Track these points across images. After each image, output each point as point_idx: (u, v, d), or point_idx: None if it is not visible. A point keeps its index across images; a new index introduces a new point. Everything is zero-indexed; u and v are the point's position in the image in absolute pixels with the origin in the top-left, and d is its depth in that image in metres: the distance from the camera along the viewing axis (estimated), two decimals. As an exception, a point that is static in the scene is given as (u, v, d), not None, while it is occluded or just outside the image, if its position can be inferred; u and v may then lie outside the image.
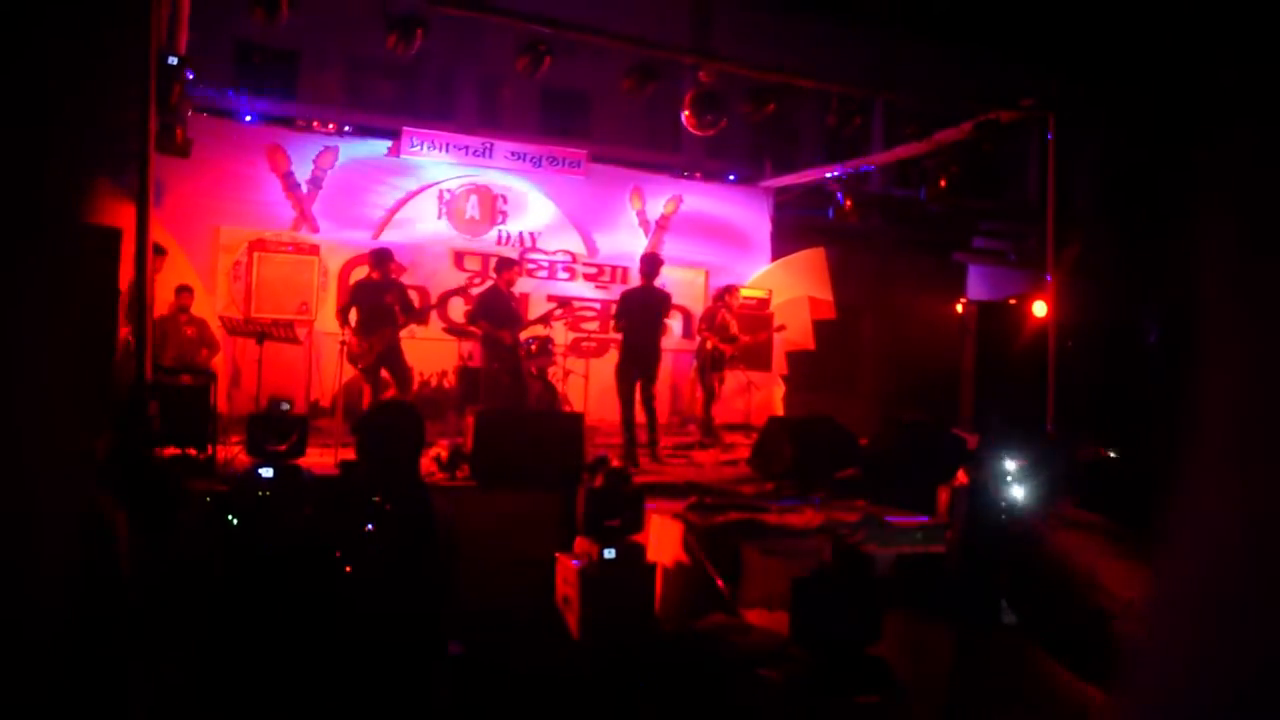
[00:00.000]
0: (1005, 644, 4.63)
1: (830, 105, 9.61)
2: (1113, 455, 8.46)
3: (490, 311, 9.94)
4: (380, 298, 9.44)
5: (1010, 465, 7.49)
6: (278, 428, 7.51)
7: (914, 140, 10.96)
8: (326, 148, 12.12)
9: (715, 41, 12.84)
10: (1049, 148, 10.29)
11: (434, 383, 11.82)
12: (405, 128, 12.42)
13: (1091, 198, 12.46)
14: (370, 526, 3.46)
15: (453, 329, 11.44)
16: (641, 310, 9.83)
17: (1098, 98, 10.93)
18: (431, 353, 11.47)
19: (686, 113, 9.22)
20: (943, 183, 10.81)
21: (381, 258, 9.62)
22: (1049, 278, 11.12)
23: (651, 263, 10.10)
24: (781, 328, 12.78)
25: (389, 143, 12.34)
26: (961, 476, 6.04)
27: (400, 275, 9.74)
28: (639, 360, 9.75)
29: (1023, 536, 5.19)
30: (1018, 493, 6.28)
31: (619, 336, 10.12)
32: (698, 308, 13.42)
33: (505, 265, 10.38)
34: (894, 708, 4.21)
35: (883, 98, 10.01)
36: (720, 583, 6.18)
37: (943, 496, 7.13)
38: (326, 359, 10.53)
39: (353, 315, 9.40)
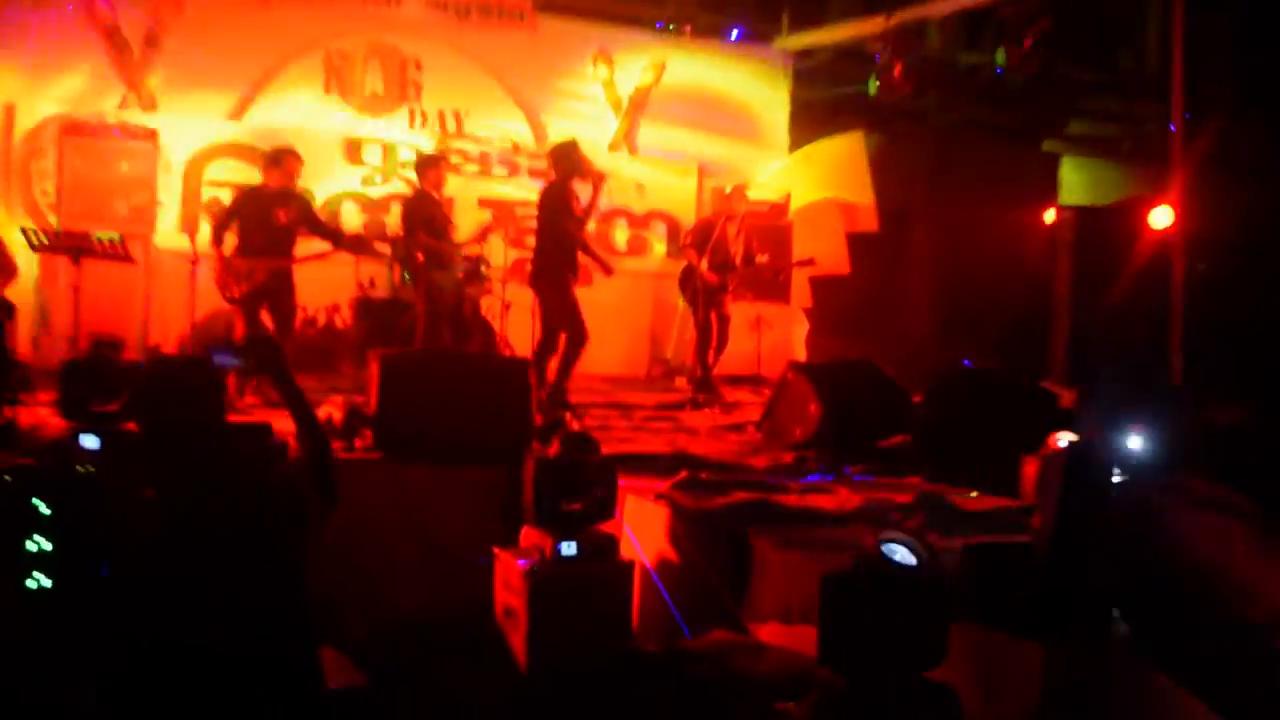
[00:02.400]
0: (1114, 666, 4.66)
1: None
2: (1259, 417, 8.54)
3: (429, 222, 10.20)
4: (272, 212, 9.53)
5: (1120, 429, 7.52)
6: (104, 381, 7.45)
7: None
8: (168, -8, 11.97)
9: None
10: (1176, -1, 10.26)
11: (322, 321, 11.78)
12: (278, -37, 12.30)
13: (1234, 68, 12.42)
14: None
15: (350, 244, 11.36)
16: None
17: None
18: (319, 280, 11.38)
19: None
20: (1028, 42, 10.75)
21: (278, 159, 9.73)
22: (1175, 177, 11.13)
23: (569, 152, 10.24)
24: (808, 262, 12.72)
25: (255, -15, 12.22)
26: (1053, 443, 6.05)
27: (295, 181, 9.76)
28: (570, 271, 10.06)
29: (1139, 523, 5.20)
30: (1131, 465, 6.30)
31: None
32: (688, 217, 13.40)
33: (429, 164, 10.61)
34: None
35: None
36: (721, 587, 6.21)
37: (1027, 471, 7.17)
38: (169, 286, 10.46)
39: (229, 237, 9.46)
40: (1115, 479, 5.34)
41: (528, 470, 6.73)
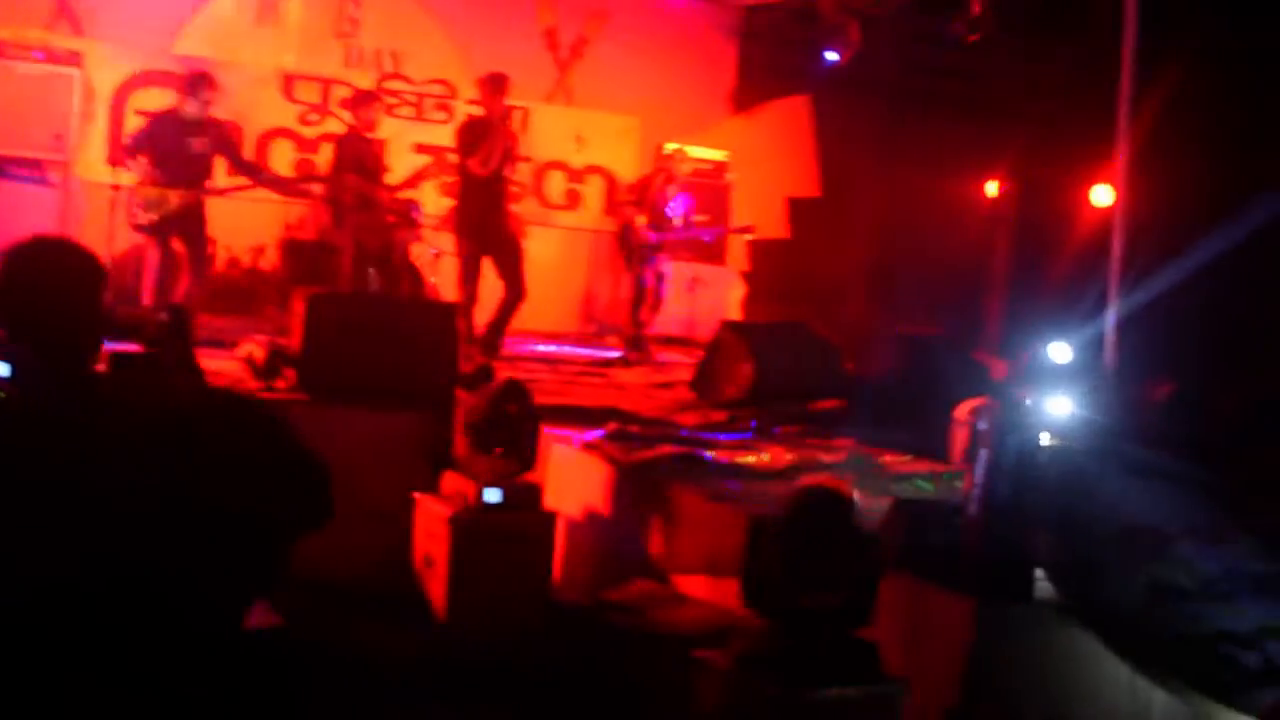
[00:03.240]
0: (1039, 624, 4.72)
1: None
2: (1193, 393, 8.68)
3: (360, 160, 10.15)
4: (186, 140, 9.41)
5: (1052, 400, 7.61)
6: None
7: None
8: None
9: None
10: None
11: (247, 262, 11.66)
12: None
13: (1193, 27, 12.48)
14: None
15: (279, 184, 11.27)
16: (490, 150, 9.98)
17: None
18: (244, 219, 11.26)
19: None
20: (978, 6, 10.76)
21: (197, 85, 9.60)
22: (1117, 154, 11.15)
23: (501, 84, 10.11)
24: (747, 229, 12.79)
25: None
26: (982, 409, 6.13)
27: (210, 110, 9.63)
28: (484, 221, 9.99)
29: (1068, 484, 5.27)
30: (1061, 432, 6.38)
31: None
32: (626, 171, 13.35)
33: (361, 102, 10.57)
34: (885, 702, 4.26)
35: None
36: (645, 538, 6.22)
37: (958, 436, 7.23)
38: (90, 217, 10.30)
39: (140, 161, 9.34)
40: (1046, 443, 5.40)
41: (453, 417, 6.71)
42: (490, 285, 10.26)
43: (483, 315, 10.11)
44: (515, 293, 10.13)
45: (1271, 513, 5.18)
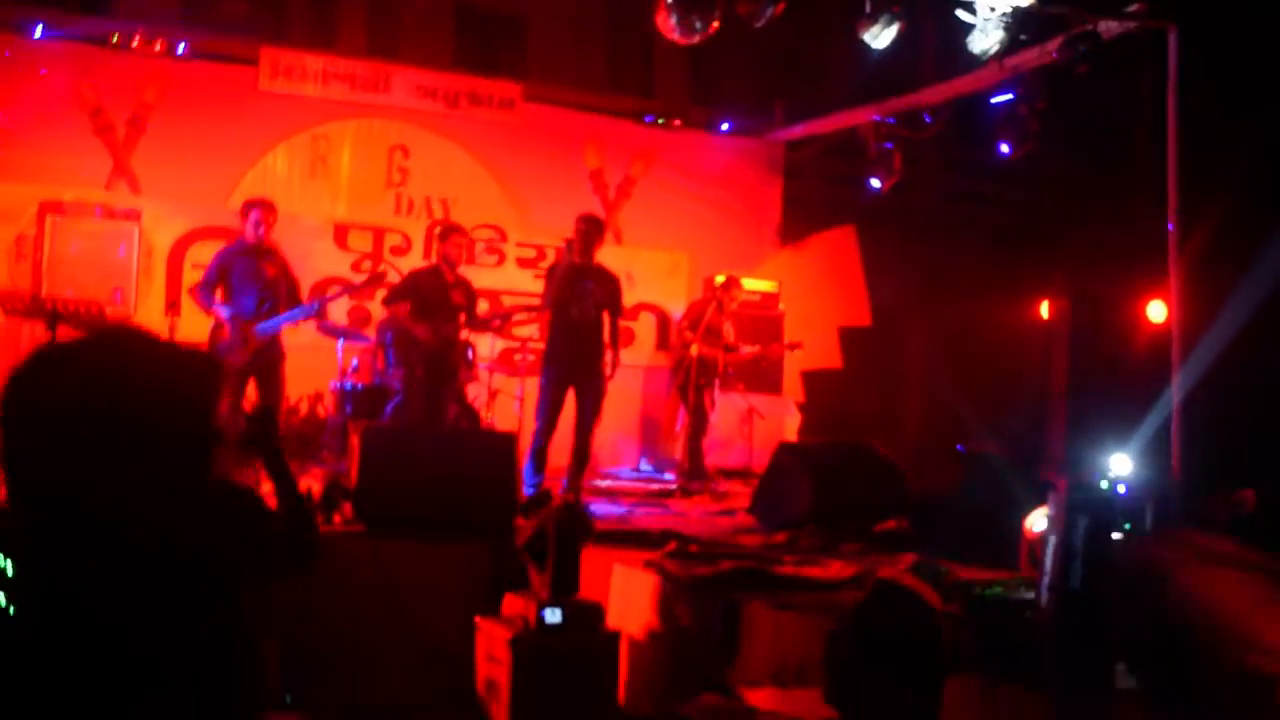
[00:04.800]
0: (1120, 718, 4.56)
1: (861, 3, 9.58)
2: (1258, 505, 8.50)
3: (419, 294, 10.05)
4: (259, 266, 9.33)
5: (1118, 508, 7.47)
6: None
7: (978, 67, 10.93)
8: (154, 76, 12.06)
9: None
10: (1169, 75, 10.31)
11: (304, 409, 11.69)
12: (265, 49, 12.41)
13: (1232, 150, 12.50)
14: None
15: (334, 330, 11.35)
16: (579, 295, 9.97)
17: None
18: (301, 367, 11.32)
19: (662, 14, 9.14)
20: (1033, 125, 10.81)
21: (248, 208, 9.47)
22: (1171, 274, 11.11)
23: (591, 228, 10.12)
24: (796, 345, 12.79)
25: (243, 70, 12.34)
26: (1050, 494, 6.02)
27: (268, 234, 9.56)
28: (574, 361, 9.84)
29: (1142, 574, 5.12)
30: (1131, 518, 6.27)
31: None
32: (677, 307, 13.41)
33: (440, 236, 10.48)
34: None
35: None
36: (711, 651, 6.10)
37: (1025, 544, 7.10)
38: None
39: (218, 296, 9.29)
40: (1118, 535, 5.26)
41: (512, 542, 6.68)
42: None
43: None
44: (585, 437, 10.00)
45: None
